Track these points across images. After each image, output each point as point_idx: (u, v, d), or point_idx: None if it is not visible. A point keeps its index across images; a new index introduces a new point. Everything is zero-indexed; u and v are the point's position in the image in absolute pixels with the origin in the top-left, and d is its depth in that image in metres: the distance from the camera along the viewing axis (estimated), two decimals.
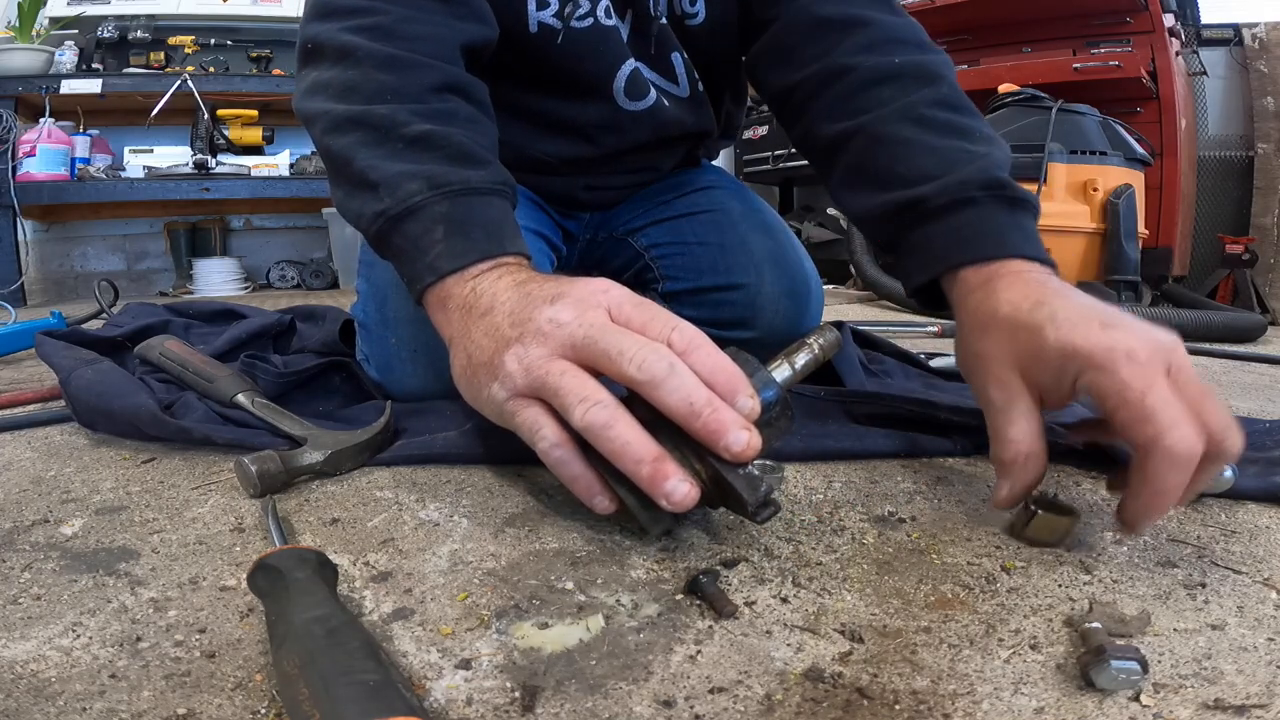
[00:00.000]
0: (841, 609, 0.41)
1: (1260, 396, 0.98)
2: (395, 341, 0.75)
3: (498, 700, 0.33)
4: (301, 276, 2.96)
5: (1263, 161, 2.59)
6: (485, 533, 0.50)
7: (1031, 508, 0.48)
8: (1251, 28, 2.65)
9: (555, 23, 0.76)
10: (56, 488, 0.59)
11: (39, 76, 2.53)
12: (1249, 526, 0.52)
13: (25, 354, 1.22)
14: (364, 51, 0.58)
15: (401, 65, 0.58)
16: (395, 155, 0.55)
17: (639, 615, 0.40)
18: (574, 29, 0.77)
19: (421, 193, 0.53)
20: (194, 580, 0.44)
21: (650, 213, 0.96)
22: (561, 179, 0.91)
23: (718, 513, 0.53)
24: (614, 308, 0.45)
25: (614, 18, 0.78)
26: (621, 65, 0.81)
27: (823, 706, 0.33)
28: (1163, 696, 0.33)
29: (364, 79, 0.58)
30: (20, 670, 0.35)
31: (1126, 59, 2.19)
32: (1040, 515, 0.48)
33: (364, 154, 0.56)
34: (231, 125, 2.76)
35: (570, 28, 0.76)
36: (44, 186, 2.48)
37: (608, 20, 0.78)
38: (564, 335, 0.44)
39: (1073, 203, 2.01)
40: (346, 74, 0.58)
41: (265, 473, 0.55)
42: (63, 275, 2.93)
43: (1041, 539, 0.48)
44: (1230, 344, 1.52)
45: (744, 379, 0.43)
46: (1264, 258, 2.41)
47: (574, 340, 0.44)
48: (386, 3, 0.61)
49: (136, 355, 0.80)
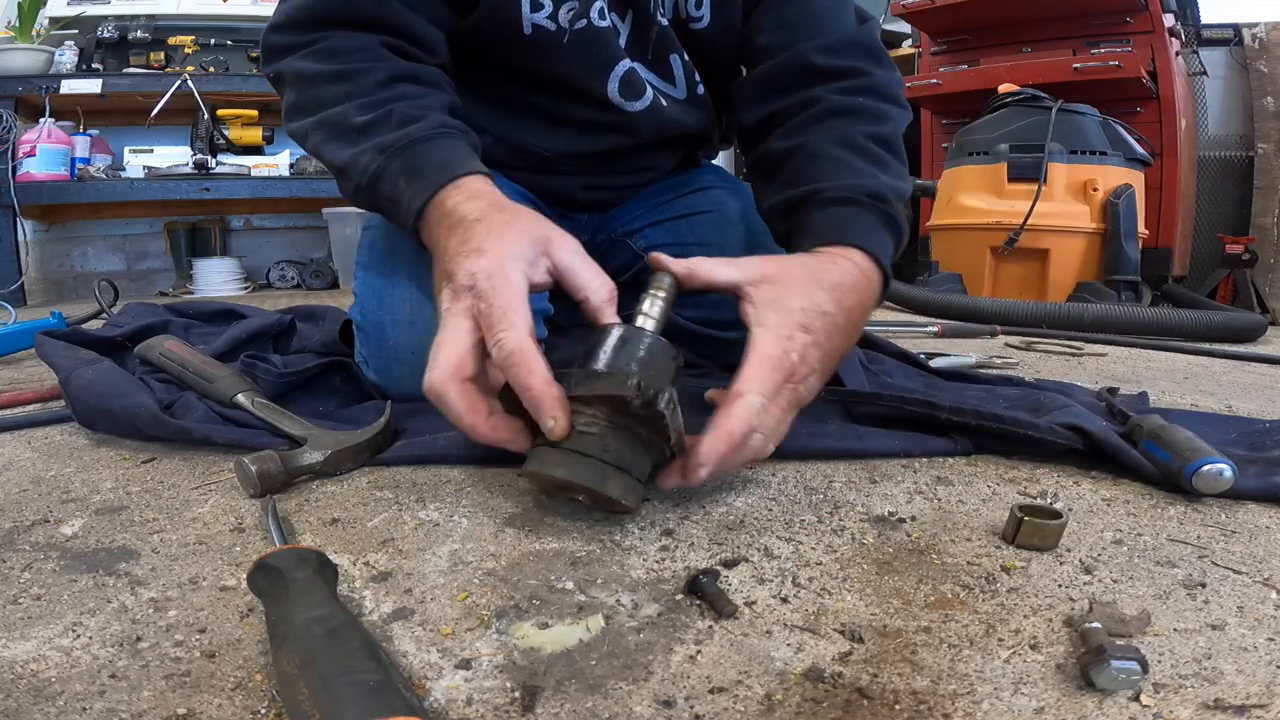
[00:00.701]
0: (841, 609, 0.41)
1: (1260, 396, 0.98)
2: (393, 343, 0.75)
3: (498, 700, 0.33)
4: (301, 276, 2.96)
5: (1263, 161, 2.59)
6: (485, 533, 0.50)
7: (1019, 514, 0.48)
8: (1251, 28, 2.65)
9: (549, 24, 0.77)
10: (56, 488, 0.59)
11: (39, 76, 2.52)
12: (1249, 526, 0.52)
13: (25, 354, 1.22)
14: (313, 72, 0.69)
15: (347, 76, 0.68)
16: (351, 143, 0.65)
17: (639, 615, 0.40)
18: (566, 30, 0.77)
19: (375, 160, 0.63)
20: (194, 580, 0.44)
21: (649, 214, 0.96)
22: (561, 178, 0.91)
23: (718, 512, 0.53)
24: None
25: (609, 19, 0.79)
26: (615, 65, 0.81)
27: (823, 706, 0.33)
28: (1163, 696, 0.33)
29: (322, 94, 0.68)
30: (20, 670, 0.35)
31: (1126, 59, 2.19)
32: (1028, 521, 0.48)
33: (329, 148, 0.67)
34: (231, 125, 2.75)
35: (563, 28, 0.77)
36: (44, 186, 2.48)
37: (601, 21, 0.78)
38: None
39: (1073, 203, 2.01)
40: (307, 93, 0.69)
41: (265, 473, 0.55)
42: (63, 275, 2.93)
43: (1032, 544, 0.48)
44: (1230, 344, 1.52)
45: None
46: (1264, 258, 2.41)
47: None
48: (329, 29, 0.70)
49: (136, 355, 0.80)
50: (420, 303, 0.74)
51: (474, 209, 0.57)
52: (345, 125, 0.66)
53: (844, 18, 0.79)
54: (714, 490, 0.57)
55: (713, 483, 0.58)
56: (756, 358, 0.51)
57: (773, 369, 0.51)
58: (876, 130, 0.72)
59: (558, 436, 0.47)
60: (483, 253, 0.52)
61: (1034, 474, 0.62)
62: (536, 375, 0.47)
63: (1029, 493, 0.58)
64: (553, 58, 0.79)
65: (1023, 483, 0.60)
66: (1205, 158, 2.70)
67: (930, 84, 2.55)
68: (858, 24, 0.79)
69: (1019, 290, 2.05)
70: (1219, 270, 2.34)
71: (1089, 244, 2.00)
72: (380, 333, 0.75)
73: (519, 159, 0.88)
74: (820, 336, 0.54)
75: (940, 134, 2.74)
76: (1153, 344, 1.46)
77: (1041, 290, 2.02)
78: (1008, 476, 0.61)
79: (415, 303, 0.74)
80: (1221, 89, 2.70)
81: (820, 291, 0.56)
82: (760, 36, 0.79)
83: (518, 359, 0.47)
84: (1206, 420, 0.77)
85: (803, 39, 0.76)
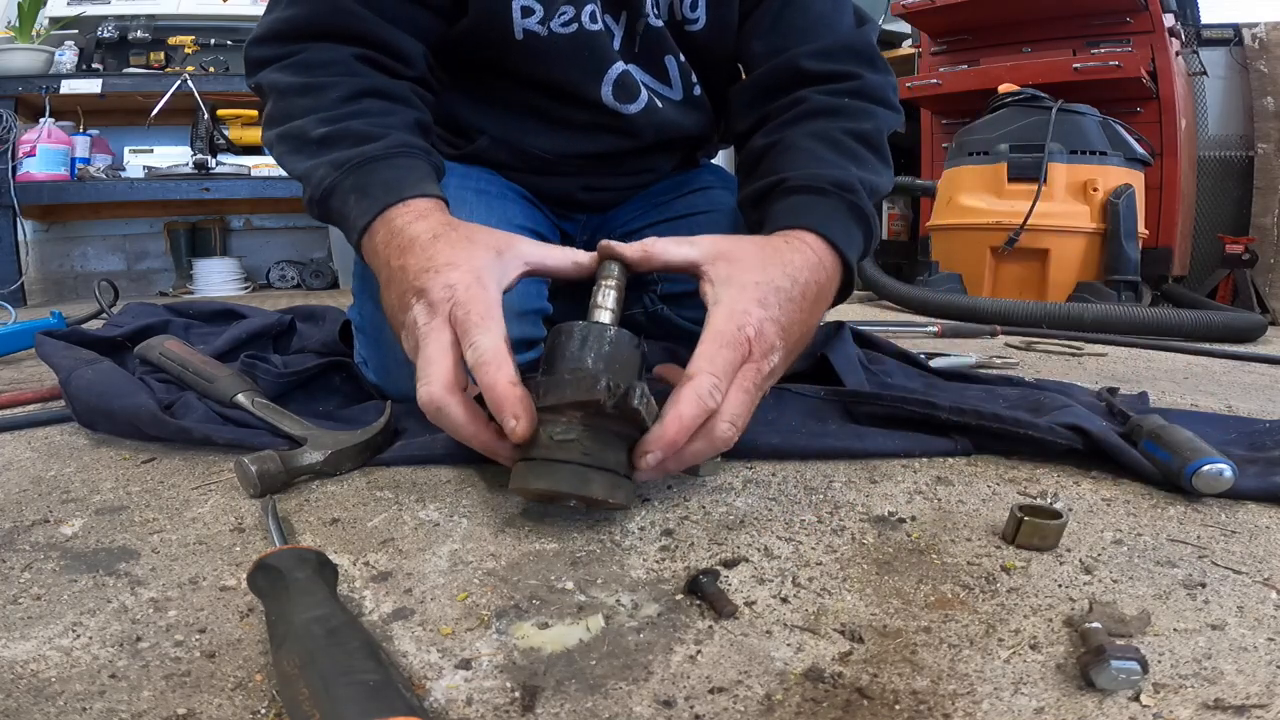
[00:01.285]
0: (841, 609, 0.41)
1: (1260, 396, 0.98)
2: (392, 344, 0.75)
3: (498, 700, 0.33)
4: (301, 276, 2.96)
5: (1263, 161, 2.59)
6: (485, 533, 0.50)
7: (1019, 514, 0.48)
8: (1251, 28, 2.65)
9: (540, 29, 0.77)
10: (56, 488, 0.59)
11: (39, 76, 2.52)
12: (1249, 526, 0.52)
13: (25, 354, 1.22)
14: (285, 85, 0.71)
15: (314, 89, 0.69)
16: (309, 155, 0.67)
17: (639, 615, 0.40)
18: (557, 34, 0.78)
19: (330, 175, 0.64)
20: (194, 580, 0.44)
21: (648, 214, 0.96)
22: (560, 179, 0.91)
23: (718, 512, 0.53)
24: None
25: (601, 22, 0.79)
26: (609, 68, 0.81)
27: (823, 706, 0.33)
28: (1163, 696, 0.33)
29: (290, 106, 0.70)
30: (20, 670, 0.35)
31: (1126, 59, 2.19)
32: (1028, 521, 0.48)
33: (290, 160, 0.69)
34: (231, 125, 2.76)
35: (554, 33, 0.77)
36: (44, 186, 2.48)
37: (593, 25, 0.78)
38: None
39: (1073, 203, 2.01)
40: (278, 106, 0.71)
41: (265, 473, 0.55)
42: (63, 275, 2.93)
43: (1032, 544, 0.48)
44: (1230, 344, 1.52)
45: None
46: (1264, 258, 2.41)
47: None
48: (306, 42, 0.72)
49: (136, 355, 0.80)
50: None
51: (425, 228, 0.57)
52: (305, 138, 0.67)
53: (840, 21, 0.79)
54: (714, 490, 0.57)
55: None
56: (710, 336, 0.51)
57: (727, 347, 0.50)
58: (856, 127, 0.72)
59: (519, 438, 0.47)
60: (455, 266, 0.53)
61: (1034, 474, 0.62)
62: (503, 375, 0.47)
63: (1029, 493, 0.58)
64: (545, 62, 0.79)
65: (1023, 483, 0.60)
66: (1205, 158, 2.70)
67: (930, 84, 2.55)
68: (855, 26, 0.80)
69: (1019, 290, 2.05)
70: (1219, 270, 2.34)
71: (1089, 244, 2.00)
72: (379, 334, 0.75)
73: (518, 160, 0.88)
74: (776, 312, 0.53)
75: (940, 134, 2.74)
76: (1153, 344, 1.46)
77: (1041, 290, 2.02)
78: (1008, 476, 0.61)
79: None
80: (1221, 89, 2.70)
81: (775, 268, 0.56)
82: (756, 42, 0.80)
83: (488, 358, 0.48)
84: (1206, 420, 0.77)
85: (796, 44, 0.77)
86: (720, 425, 0.50)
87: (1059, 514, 0.48)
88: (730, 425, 0.50)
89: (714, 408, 0.49)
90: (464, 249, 0.55)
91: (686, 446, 0.49)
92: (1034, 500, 0.56)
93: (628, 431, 0.49)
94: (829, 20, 0.79)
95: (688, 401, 0.48)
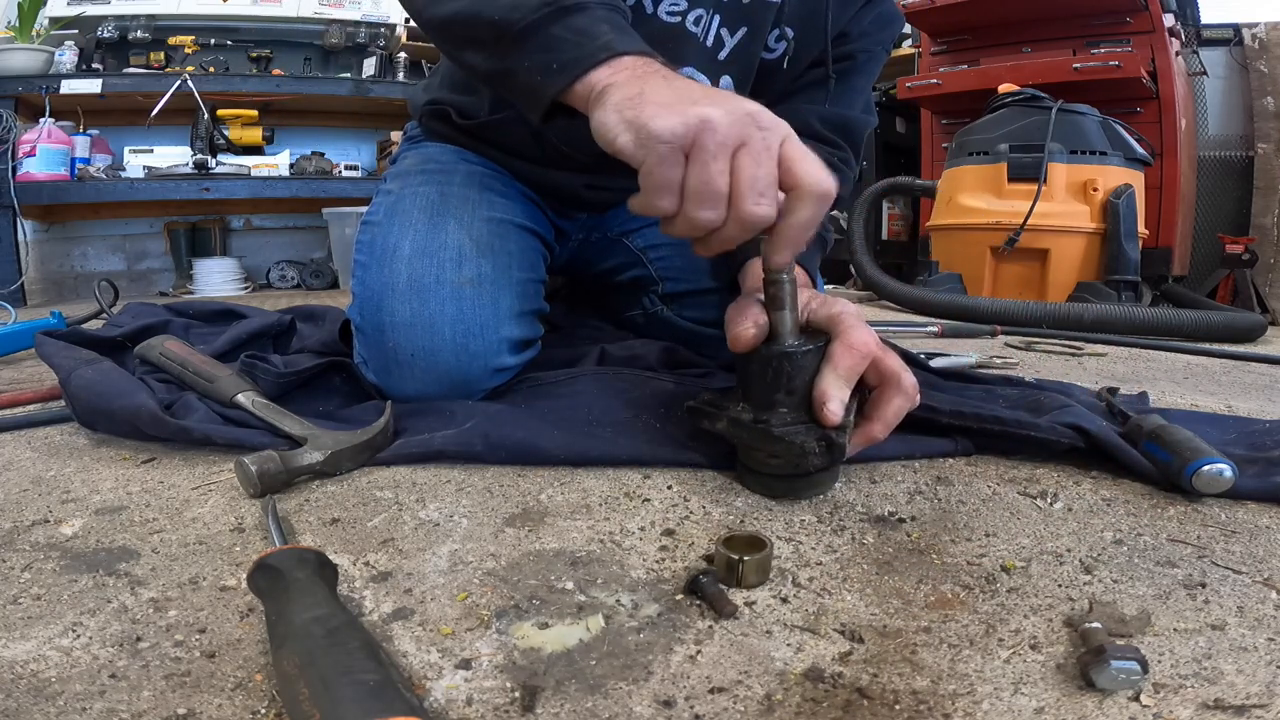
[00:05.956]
0: (841, 609, 0.41)
1: (1260, 396, 0.98)
2: (392, 345, 0.75)
3: (498, 700, 0.33)
4: (301, 276, 2.96)
5: (1263, 161, 2.59)
6: (485, 533, 0.50)
7: (725, 552, 0.43)
8: (1251, 28, 2.65)
9: (649, 5, 0.78)
10: (56, 488, 0.59)
11: (39, 76, 2.52)
12: (1249, 526, 0.52)
13: (25, 354, 1.22)
14: None
15: None
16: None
17: (639, 615, 0.40)
18: (657, 19, 0.79)
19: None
20: (194, 580, 0.44)
21: None
22: (567, 174, 0.90)
23: (718, 512, 0.53)
24: None
25: (707, 27, 0.81)
26: (678, 70, 0.82)
27: (823, 706, 0.33)
28: (1163, 696, 0.33)
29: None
30: (20, 670, 0.35)
31: (1126, 59, 2.19)
32: (748, 561, 0.42)
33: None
34: (231, 125, 2.76)
35: (655, 17, 0.79)
36: (44, 186, 2.48)
37: (694, 27, 0.80)
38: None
39: (1073, 203, 2.01)
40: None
41: (265, 473, 0.55)
42: (63, 275, 2.93)
43: (755, 581, 0.43)
44: (1230, 344, 1.52)
45: None
46: (1264, 258, 2.41)
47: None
48: None
49: (136, 355, 0.80)
50: (419, 304, 0.74)
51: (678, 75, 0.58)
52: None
53: (859, 100, 0.89)
54: (714, 490, 0.58)
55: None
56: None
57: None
58: (830, 151, 0.82)
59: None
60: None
61: (1034, 474, 0.62)
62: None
63: (1029, 492, 0.58)
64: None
65: (1023, 483, 0.60)
66: (1205, 158, 2.70)
67: (930, 84, 2.55)
68: (863, 112, 0.90)
69: (1019, 290, 2.05)
70: (1219, 270, 2.34)
71: (1089, 244, 2.00)
72: (379, 334, 0.75)
73: (531, 146, 0.88)
74: None
75: (940, 134, 2.74)
76: (1153, 344, 1.46)
77: (1041, 290, 2.02)
78: (1008, 476, 0.61)
79: (414, 304, 0.74)
80: (1221, 89, 2.70)
81: None
82: (797, 83, 0.87)
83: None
84: (1206, 420, 0.77)
85: (820, 101, 0.86)
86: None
87: (763, 542, 0.44)
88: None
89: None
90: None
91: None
92: (754, 532, 0.48)
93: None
94: (849, 98, 0.88)
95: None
